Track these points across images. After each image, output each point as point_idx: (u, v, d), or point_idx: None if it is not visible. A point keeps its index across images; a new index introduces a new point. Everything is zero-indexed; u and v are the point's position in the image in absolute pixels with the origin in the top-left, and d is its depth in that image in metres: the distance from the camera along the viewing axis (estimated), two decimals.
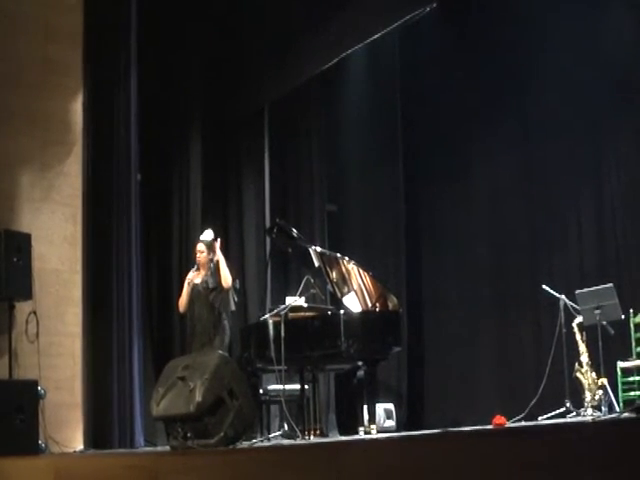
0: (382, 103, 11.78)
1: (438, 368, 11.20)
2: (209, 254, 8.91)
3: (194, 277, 8.96)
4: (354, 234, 12.00)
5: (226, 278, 8.79)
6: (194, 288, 8.91)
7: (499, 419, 8.02)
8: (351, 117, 12.03)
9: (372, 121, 11.87)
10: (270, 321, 8.46)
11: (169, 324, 10.59)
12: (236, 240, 11.50)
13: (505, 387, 10.27)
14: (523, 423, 8.22)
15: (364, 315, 8.53)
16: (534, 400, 8.52)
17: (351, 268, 8.78)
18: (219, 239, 8.99)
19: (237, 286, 9.23)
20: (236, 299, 9.13)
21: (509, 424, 8.06)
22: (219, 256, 8.84)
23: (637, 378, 8.66)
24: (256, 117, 11.66)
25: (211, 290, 8.82)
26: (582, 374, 8.23)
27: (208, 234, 9.02)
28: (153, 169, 10.72)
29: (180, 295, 9.06)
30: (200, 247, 8.97)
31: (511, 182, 10.71)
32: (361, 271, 8.76)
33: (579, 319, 8.41)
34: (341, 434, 10.49)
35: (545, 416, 8.38)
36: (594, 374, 8.19)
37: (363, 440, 7.47)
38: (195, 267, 8.99)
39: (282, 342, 8.10)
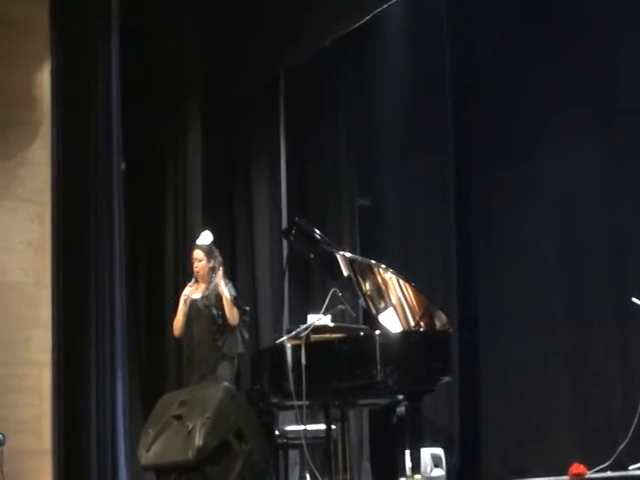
0: (426, 71, 11.61)
1: (498, 402, 11.05)
2: (209, 262, 8.99)
3: (192, 292, 9.04)
4: (392, 235, 11.91)
5: (233, 316, 8.96)
6: (192, 306, 9.00)
7: (577, 468, 7.99)
8: (388, 89, 11.83)
9: (414, 94, 11.67)
10: (288, 345, 8.42)
11: (161, 350, 10.64)
12: (245, 244, 11.58)
13: (584, 427, 10.10)
14: (609, 473, 8.22)
15: (405, 336, 8.50)
16: (622, 445, 8.50)
17: (389, 278, 8.74)
18: (222, 268, 9.07)
19: (247, 318, 9.29)
20: (246, 336, 9.21)
21: (590, 475, 8.05)
22: (222, 288, 8.94)
23: None
24: (270, 89, 11.64)
25: (217, 326, 8.97)
26: None
27: (206, 237, 9.11)
28: (141, 156, 10.82)
29: (175, 316, 9.10)
30: (197, 254, 9.06)
31: (589, 169, 10.51)
32: (401, 282, 8.71)
33: None
34: None
35: (637, 465, 8.31)
36: None
37: None
38: (192, 280, 9.06)
39: (303, 371, 8.09)
